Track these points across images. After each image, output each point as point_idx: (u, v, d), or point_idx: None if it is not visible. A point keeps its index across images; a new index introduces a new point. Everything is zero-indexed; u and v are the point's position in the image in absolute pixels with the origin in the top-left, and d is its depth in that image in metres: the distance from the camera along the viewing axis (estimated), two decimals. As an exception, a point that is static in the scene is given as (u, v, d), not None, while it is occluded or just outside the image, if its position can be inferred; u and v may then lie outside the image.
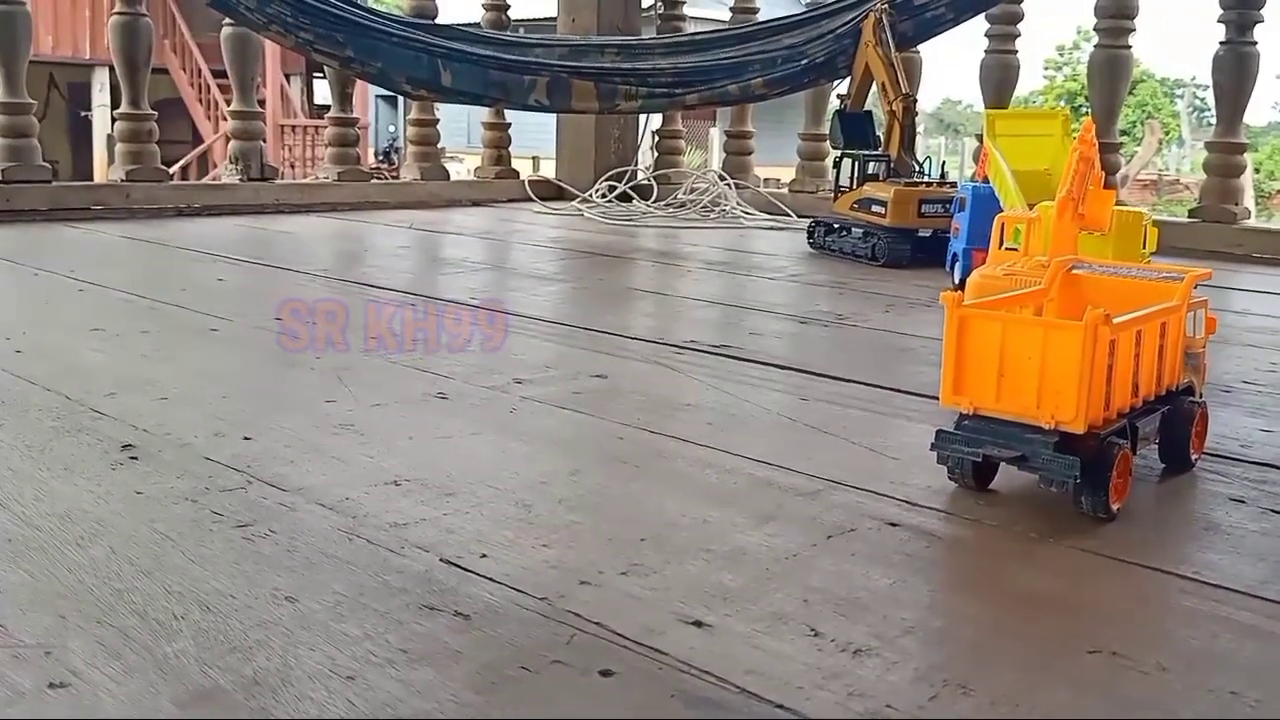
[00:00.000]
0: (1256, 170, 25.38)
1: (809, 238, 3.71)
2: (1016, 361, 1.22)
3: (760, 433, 1.58)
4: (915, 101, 3.55)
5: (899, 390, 1.82)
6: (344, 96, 4.67)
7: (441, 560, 1.09)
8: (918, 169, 3.52)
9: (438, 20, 4.75)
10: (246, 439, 1.46)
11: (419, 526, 1.17)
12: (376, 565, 1.07)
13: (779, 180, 5.52)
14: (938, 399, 1.31)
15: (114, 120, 4.26)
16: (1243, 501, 1.32)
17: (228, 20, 4.38)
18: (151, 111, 4.28)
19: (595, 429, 1.57)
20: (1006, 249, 1.97)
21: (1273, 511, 1.29)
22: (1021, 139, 2.85)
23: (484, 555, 1.11)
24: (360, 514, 1.20)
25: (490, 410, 1.65)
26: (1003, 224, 2.02)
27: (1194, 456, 1.42)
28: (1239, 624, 1.01)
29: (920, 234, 3.32)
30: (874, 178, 3.50)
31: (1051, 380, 1.20)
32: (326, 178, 4.72)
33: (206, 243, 3.51)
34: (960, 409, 1.28)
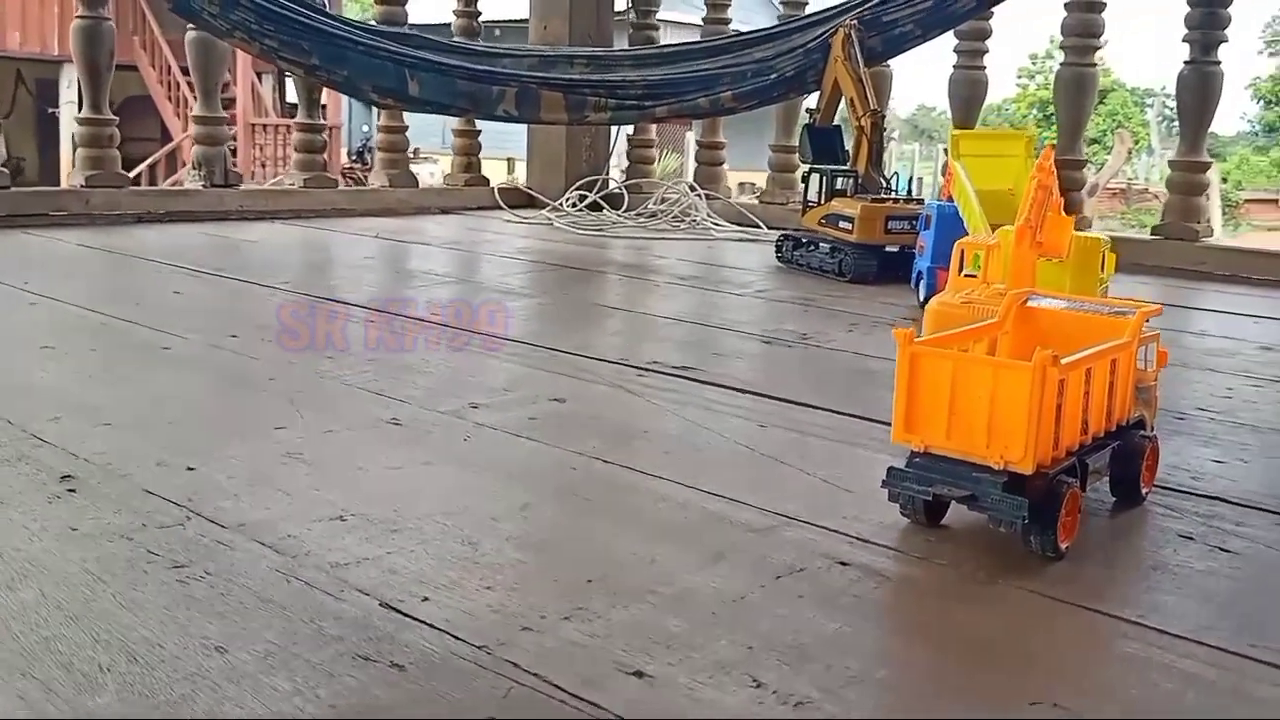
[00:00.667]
0: (1224, 180, 25.72)
1: (777, 252, 3.71)
2: (967, 400, 1.22)
3: (717, 463, 1.56)
4: (883, 117, 3.56)
5: (858, 416, 1.81)
6: (311, 102, 4.62)
7: (381, 605, 1.07)
8: (885, 185, 3.52)
9: (408, 24, 4.72)
10: (190, 469, 1.43)
11: (360, 567, 1.15)
12: (313, 610, 1.05)
13: (755, 185, 5.51)
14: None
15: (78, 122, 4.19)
16: (1191, 538, 1.32)
17: (192, 24, 4.33)
18: (113, 117, 4.21)
19: (549, 459, 1.55)
20: (965, 275, 1.97)
21: (1220, 550, 1.29)
22: (986, 159, 2.87)
23: (425, 599, 1.09)
24: (301, 552, 1.18)
25: (444, 438, 1.63)
26: (962, 250, 2.02)
27: (1144, 491, 1.42)
28: (1180, 672, 1.01)
29: (888, 250, 3.32)
30: (842, 193, 3.51)
31: (1001, 420, 1.20)
32: (292, 184, 4.67)
33: (166, 252, 3.46)
34: (911, 446, 1.28)
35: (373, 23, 4.62)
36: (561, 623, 1.05)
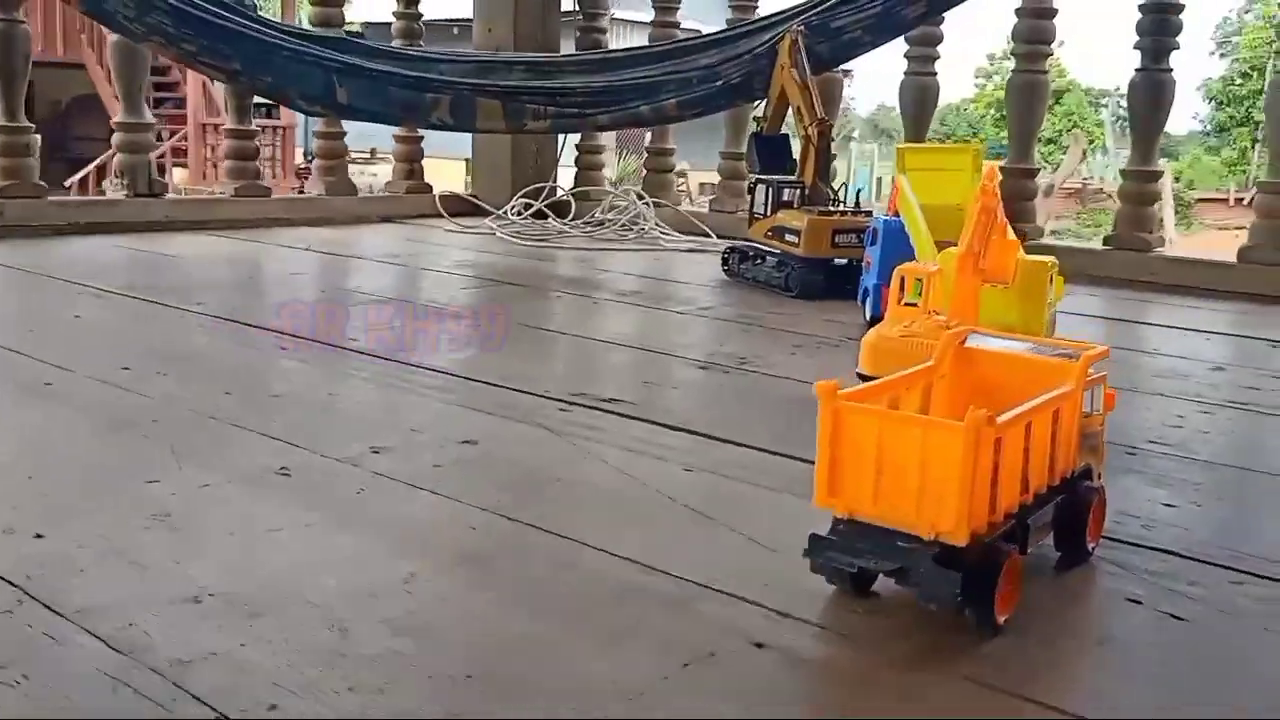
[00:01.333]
0: (1177, 179, 26.08)
1: (724, 265, 3.59)
2: (895, 463, 1.10)
3: (634, 519, 1.43)
4: (831, 126, 3.45)
5: (790, 456, 1.69)
6: (241, 108, 4.44)
7: (218, 718, 0.93)
8: (832, 196, 3.41)
9: (346, 26, 4.55)
10: (38, 536, 1.28)
11: (206, 664, 1.01)
12: (139, 726, 0.91)
13: (712, 186, 5.40)
14: None
15: None
16: (1140, 602, 1.21)
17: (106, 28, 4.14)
18: (29, 125, 4.01)
19: (448, 515, 1.42)
20: (906, 304, 1.86)
21: (1171, 616, 1.18)
22: (932, 173, 2.77)
23: (273, 707, 0.95)
24: (140, 647, 1.03)
25: (334, 491, 1.49)
26: (902, 277, 1.91)
27: (1091, 546, 1.31)
28: (1128, 782, 0.89)
29: (836, 263, 3.22)
30: (789, 204, 3.39)
31: (931, 486, 1.07)
32: (223, 193, 4.48)
33: (78, 268, 3.27)
34: (835, 512, 1.15)
35: (305, 26, 4.44)
36: (429, 733, 0.92)
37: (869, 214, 3.27)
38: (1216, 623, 1.18)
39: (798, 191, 3.40)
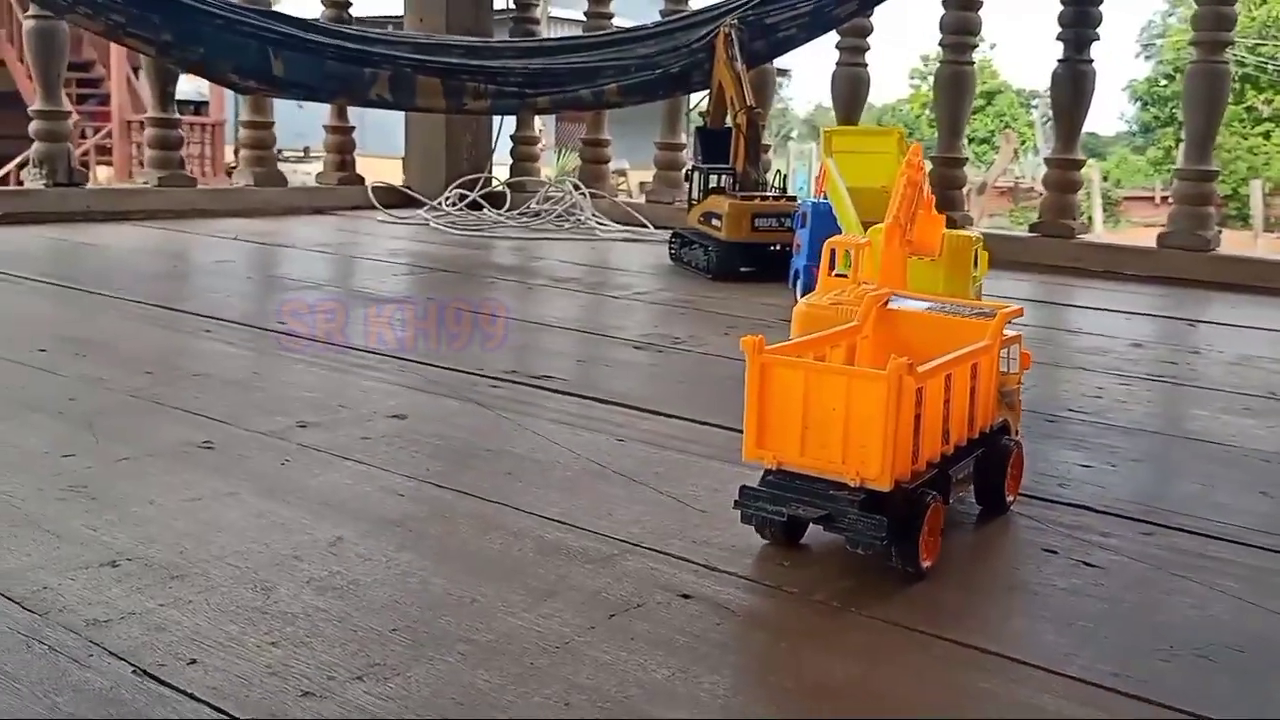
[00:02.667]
0: (1105, 179, 26.78)
1: (669, 250, 3.64)
2: (820, 413, 1.13)
3: (562, 484, 1.43)
4: (759, 114, 3.49)
5: (720, 426, 1.70)
6: (164, 95, 4.33)
7: (135, 671, 0.91)
8: (759, 182, 3.46)
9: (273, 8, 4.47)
10: (-51, 509, 1.24)
11: (122, 624, 0.99)
12: (51, 681, 0.89)
13: (648, 183, 5.41)
14: None
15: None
16: (1055, 552, 1.25)
17: (30, 12, 4.02)
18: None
19: (375, 484, 1.40)
20: (836, 275, 1.89)
21: (1083, 564, 1.22)
22: (858, 155, 2.82)
23: (193, 661, 0.93)
24: (54, 609, 1.01)
25: (258, 463, 1.46)
26: (832, 249, 1.94)
27: (1010, 499, 1.35)
28: (1037, 708, 0.92)
29: (770, 248, 3.26)
30: (720, 190, 3.44)
31: (856, 434, 1.10)
32: (146, 183, 4.38)
33: (-5, 257, 3.17)
34: (764, 464, 1.18)
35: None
36: (352, 684, 0.91)
37: (793, 199, 3.34)
38: (1128, 570, 1.22)
39: (730, 177, 3.44)
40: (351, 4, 4.84)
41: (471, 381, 1.95)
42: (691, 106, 4.73)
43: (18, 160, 14.14)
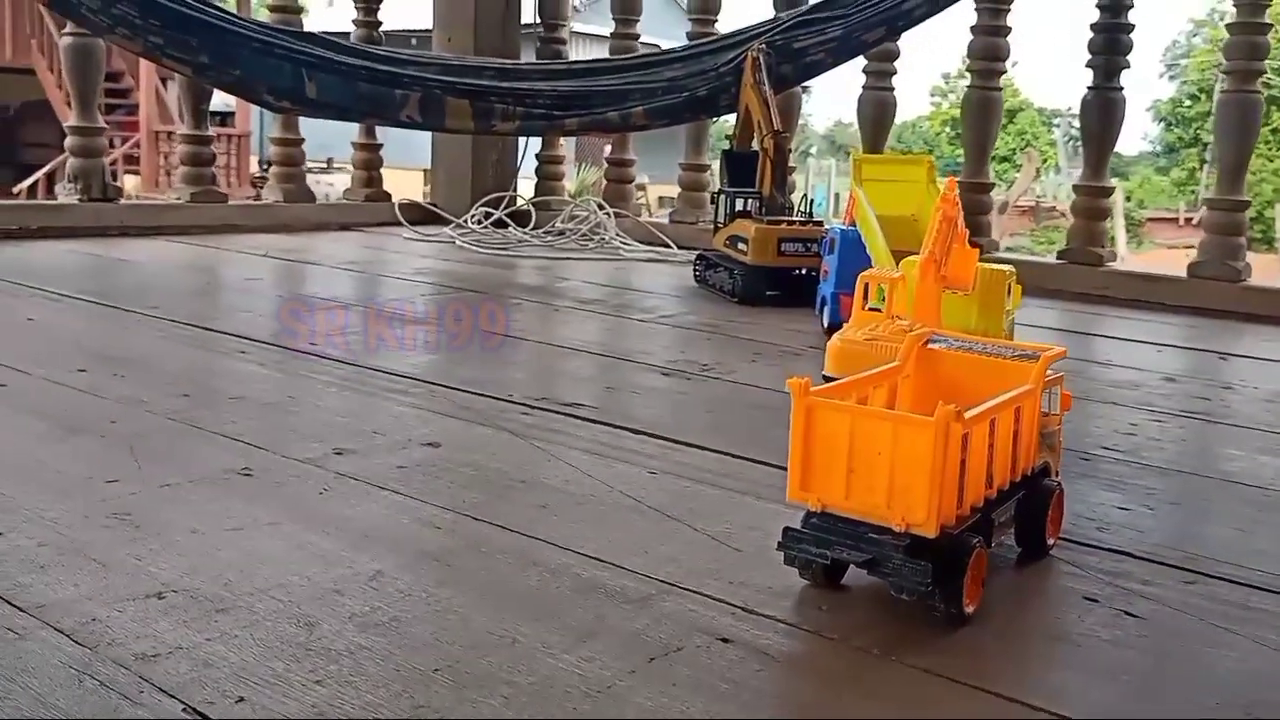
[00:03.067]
0: (1128, 199, 26.66)
1: (694, 272, 3.68)
2: (866, 457, 1.13)
3: (596, 519, 1.44)
4: (786, 139, 3.51)
5: (753, 460, 1.71)
6: (197, 113, 4.38)
7: (185, 709, 0.92)
8: (785, 206, 3.47)
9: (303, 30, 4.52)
10: (-4, 535, 1.26)
11: (171, 658, 1.00)
12: (102, 717, 0.90)
13: (673, 199, 5.44)
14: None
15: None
16: (1096, 601, 1.24)
17: (69, 29, 4.08)
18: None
19: (412, 516, 1.41)
20: (870, 309, 1.90)
21: (1125, 614, 1.21)
22: (888, 184, 2.83)
23: (240, 699, 0.94)
24: (104, 642, 1.02)
25: (297, 491, 1.48)
26: (866, 283, 1.95)
27: (1050, 542, 1.35)
28: (1086, 769, 0.91)
29: (794, 272, 3.28)
30: (746, 214, 3.46)
31: (902, 479, 1.10)
32: (178, 198, 4.43)
33: (30, 272, 3.21)
34: (808, 506, 1.18)
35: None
36: (397, 726, 0.91)
37: (820, 224, 3.36)
38: (1171, 620, 1.21)
39: (756, 201, 3.47)
40: (381, 23, 4.89)
41: (501, 408, 1.96)
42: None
43: (46, 169, 14.34)
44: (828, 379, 1.71)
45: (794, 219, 3.41)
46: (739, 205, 3.50)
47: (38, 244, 3.82)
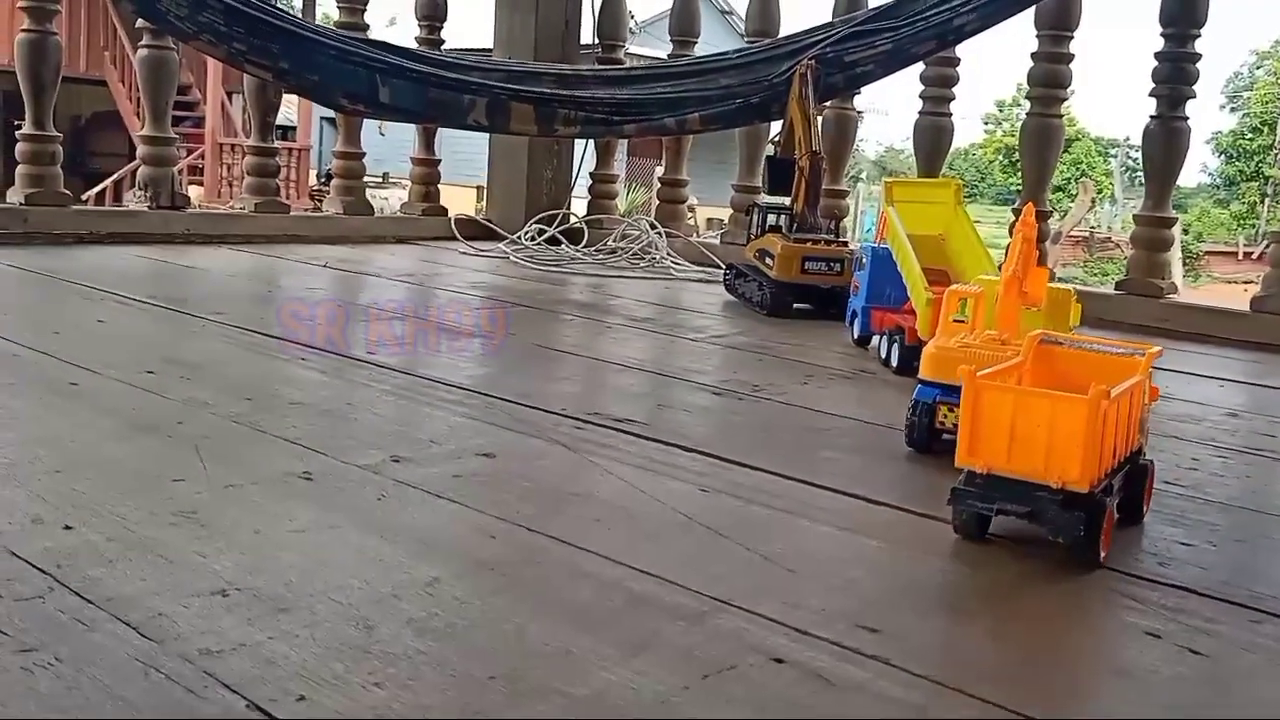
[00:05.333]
0: (1185, 232, 26.20)
1: (724, 281, 3.83)
2: (1026, 428, 1.36)
3: (650, 534, 1.45)
4: (822, 159, 3.56)
5: (806, 482, 1.70)
6: (264, 125, 4.49)
7: (248, 705, 0.94)
8: (815, 224, 3.52)
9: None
10: (67, 528, 1.29)
11: (235, 655, 1.02)
12: (167, 709, 0.92)
13: (722, 221, 5.46)
14: (846, 494, 1.58)
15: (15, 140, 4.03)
16: (1159, 636, 1.22)
17: (144, 41, 4.20)
18: (56, 134, 4.06)
19: (468, 524, 1.43)
20: (955, 320, 1.95)
21: (1189, 651, 1.19)
22: (918, 205, 2.92)
23: (301, 698, 0.96)
24: (170, 636, 1.05)
25: (356, 496, 1.50)
26: (956, 298, 2.00)
27: (1145, 510, 1.59)
28: (1148, 805, 0.90)
29: (823, 288, 3.41)
30: (777, 229, 3.56)
31: (1059, 444, 1.34)
32: (243, 208, 4.53)
33: (100, 276, 3.30)
34: (974, 469, 1.41)
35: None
36: (454, 731, 0.92)
37: (845, 244, 3.51)
38: (1236, 660, 1.18)
39: (786, 217, 3.52)
40: (444, 41, 4.98)
41: (555, 421, 1.98)
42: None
43: (114, 177, 14.73)
44: (923, 383, 1.85)
45: (820, 237, 3.50)
46: (770, 220, 3.61)
47: (108, 249, 3.92)
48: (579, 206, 5.36)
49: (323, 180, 18.41)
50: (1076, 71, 4.08)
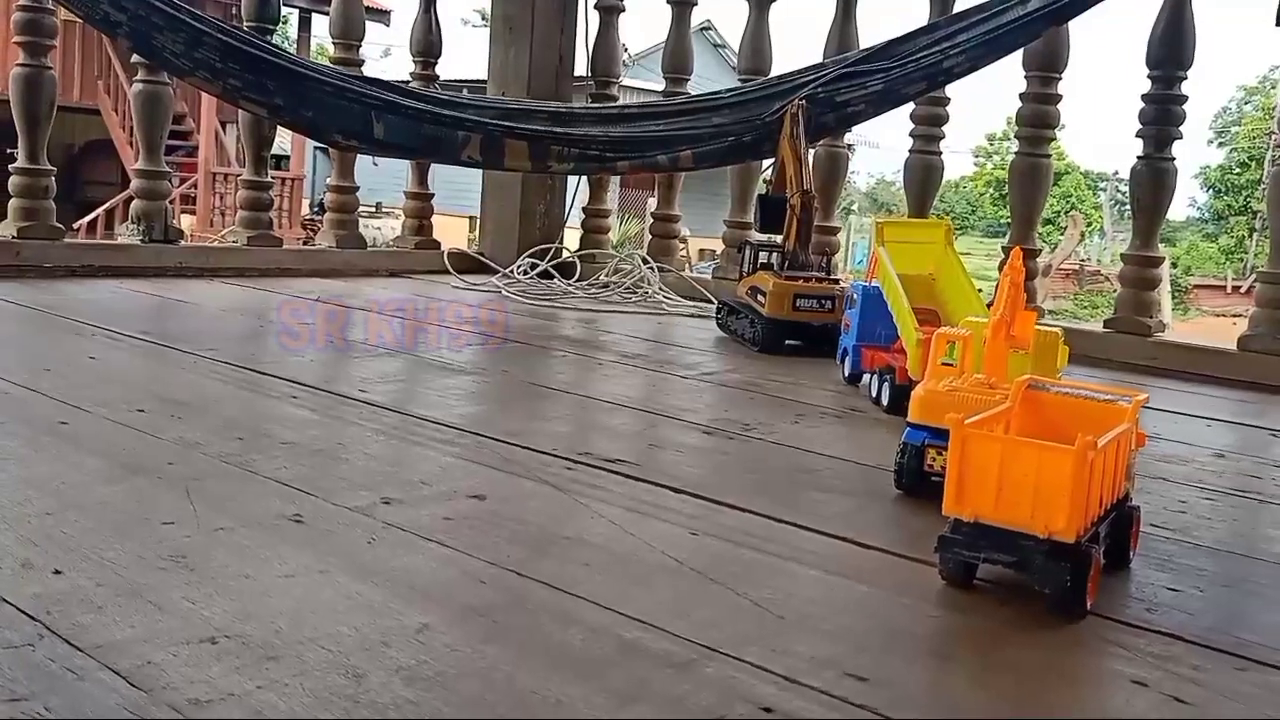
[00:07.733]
0: (1174, 265, 26.40)
1: (716, 317, 3.87)
2: (1014, 477, 1.36)
3: (639, 579, 1.45)
4: (813, 199, 3.61)
5: (796, 525, 1.71)
6: (258, 160, 4.51)
7: (236, 758, 0.94)
8: (805, 262, 3.56)
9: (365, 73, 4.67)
10: (56, 573, 1.29)
11: (224, 704, 1.02)
12: (157, 764, 0.92)
13: (716, 252, 5.49)
14: (835, 536, 1.60)
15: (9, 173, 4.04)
16: (1145, 685, 1.23)
17: (140, 76, 4.23)
18: (50, 167, 4.08)
19: (458, 569, 1.43)
20: (943, 364, 1.96)
21: (1175, 699, 1.19)
22: (908, 245, 2.95)
23: (290, 750, 0.95)
24: (158, 686, 1.04)
25: (346, 539, 1.50)
26: (940, 340, 2.01)
27: (1131, 554, 1.59)
28: None
29: (813, 325, 3.45)
30: (768, 266, 3.59)
31: (1045, 494, 1.34)
32: (236, 241, 4.54)
33: (92, 311, 3.31)
34: (961, 517, 1.40)
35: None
36: (442, 784, 0.92)
37: (836, 282, 3.52)
38: (1221, 710, 1.19)
39: (778, 255, 3.56)
40: (439, 77, 5.02)
41: (546, 461, 1.98)
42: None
43: (105, 206, 14.76)
44: (912, 425, 1.86)
45: (812, 274, 3.54)
46: (762, 257, 3.65)
47: (100, 282, 3.93)
48: (572, 240, 5.38)
49: (315, 210, 18.47)
50: (1066, 106, 4.14)
